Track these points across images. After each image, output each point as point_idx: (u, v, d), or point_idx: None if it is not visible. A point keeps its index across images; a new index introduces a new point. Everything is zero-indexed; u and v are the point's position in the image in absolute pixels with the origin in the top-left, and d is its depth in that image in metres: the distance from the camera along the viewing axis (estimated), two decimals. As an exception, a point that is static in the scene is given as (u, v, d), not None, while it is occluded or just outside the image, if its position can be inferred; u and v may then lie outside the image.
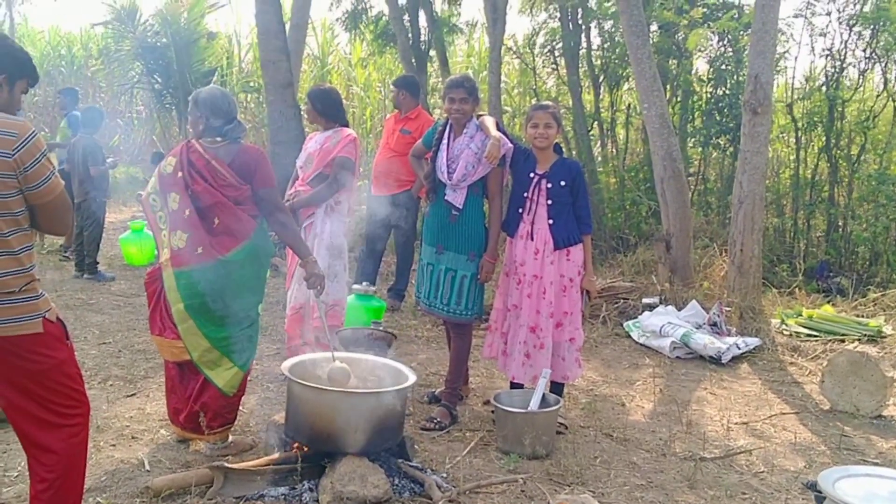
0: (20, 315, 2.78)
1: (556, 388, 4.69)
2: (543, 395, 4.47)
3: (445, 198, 4.67)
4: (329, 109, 5.25)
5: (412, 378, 3.89)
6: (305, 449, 3.79)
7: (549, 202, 4.52)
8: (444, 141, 4.70)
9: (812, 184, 10.53)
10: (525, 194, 4.57)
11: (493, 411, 4.71)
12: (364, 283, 6.64)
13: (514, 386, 4.77)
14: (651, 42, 8.65)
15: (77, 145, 7.90)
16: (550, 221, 4.52)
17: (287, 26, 11.65)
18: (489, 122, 4.63)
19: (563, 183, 4.51)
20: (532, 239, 4.56)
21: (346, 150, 5.08)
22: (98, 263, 8.20)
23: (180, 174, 4.00)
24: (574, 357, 4.68)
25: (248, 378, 4.22)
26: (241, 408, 4.73)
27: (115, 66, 19.84)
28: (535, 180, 4.55)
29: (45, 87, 21.12)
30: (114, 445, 4.17)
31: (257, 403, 4.91)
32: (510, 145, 4.59)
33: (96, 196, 7.96)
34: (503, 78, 12.24)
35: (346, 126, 5.31)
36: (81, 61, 22.80)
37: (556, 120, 4.55)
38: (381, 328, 5.30)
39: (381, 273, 8.68)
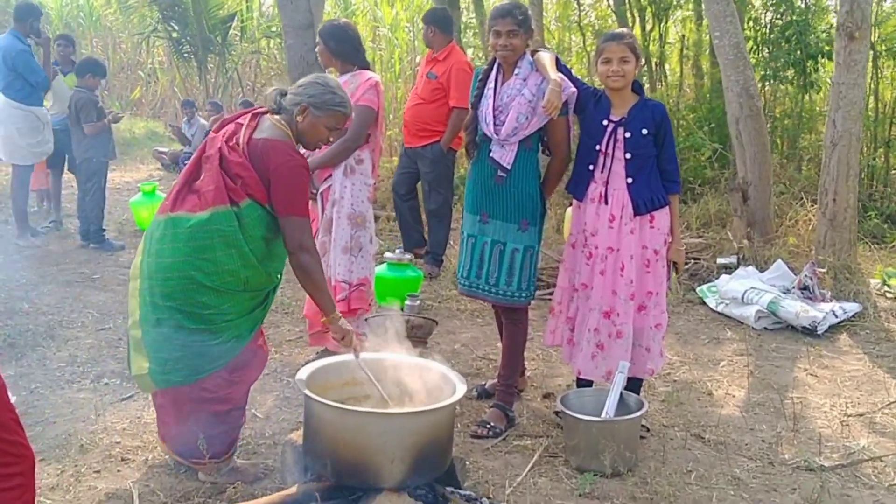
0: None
1: (634, 384, 3.82)
2: (621, 394, 3.62)
3: (490, 155, 3.76)
4: (344, 48, 4.35)
5: (461, 388, 3.06)
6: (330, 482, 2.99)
7: (628, 156, 3.60)
8: (491, 85, 3.78)
9: (891, 119, 9.44)
10: (597, 147, 3.65)
11: (557, 412, 3.89)
12: (397, 251, 5.85)
13: (581, 382, 3.92)
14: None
15: (72, 101, 7.07)
16: (629, 180, 3.61)
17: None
18: (546, 59, 3.69)
19: (644, 131, 3.58)
20: (606, 202, 3.65)
21: (365, 98, 4.20)
22: (105, 231, 7.43)
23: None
24: (659, 347, 3.80)
25: (239, 407, 3.28)
26: (255, 412, 3.99)
27: (132, 15, 19.00)
28: (610, 129, 3.61)
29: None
30: (98, 472, 3.40)
31: (275, 405, 4.13)
32: (573, 89, 3.65)
33: (93, 156, 7.15)
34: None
35: (367, 68, 4.41)
36: (99, 11, 21.93)
37: (635, 52, 3.59)
38: (419, 312, 4.48)
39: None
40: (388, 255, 5.83)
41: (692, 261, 6.40)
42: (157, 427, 3.45)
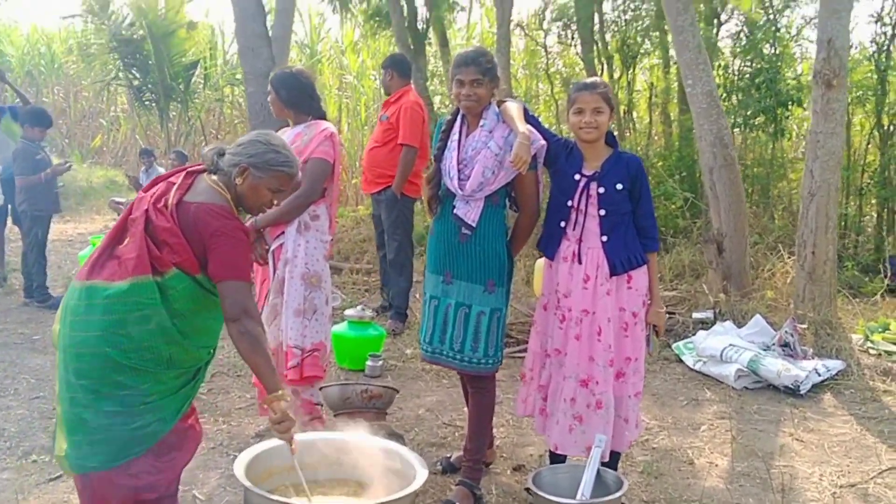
0: None
1: (612, 458, 3.51)
2: (598, 471, 3.30)
3: (455, 212, 3.48)
4: (297, 98, 4.06)
5: (422, 473, 2.74)
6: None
7: (602, 212, 3.34)
8: (455, 136, 3.52)
9: (863, 167, 9.38)
10: (569, 203, 3.38)
11: (528, 489, 3.55)
12: (359, 307, 5.54)
13: (554, 456, 3.60)
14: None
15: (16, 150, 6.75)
16: (604, 238, 3.34)
17: (272, 13, 10.53)
18: (514, 109, 3.43)
19: (619, 186, 3.32)
20: (580, 262, 3.38)
21: (320, 150, 3.90)
22: (48, 288, 7.02)
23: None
24: (636, 416, 3.50)
25: (169, 495, 2.85)
26: (195, 493, 3.61)
27: (94, 63, 18.69)
28: (583, 184, 3.35)
29: (27, 88, 19.96)
30: (11, 571, 3.02)
31: (219, 484, 3.74)
32: (542, 142, 3.40)
33: (27, 209, 6.79)
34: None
35: (322, 118, 4.13)
36: (61, 59, 21.58)
37: (609, 102, 3.34)
38: (380, 374, 4.15)
39: (371, 288, 7.67)
40: (348, 312, 5.51)
41: (667, 315, 6.14)
42: None
